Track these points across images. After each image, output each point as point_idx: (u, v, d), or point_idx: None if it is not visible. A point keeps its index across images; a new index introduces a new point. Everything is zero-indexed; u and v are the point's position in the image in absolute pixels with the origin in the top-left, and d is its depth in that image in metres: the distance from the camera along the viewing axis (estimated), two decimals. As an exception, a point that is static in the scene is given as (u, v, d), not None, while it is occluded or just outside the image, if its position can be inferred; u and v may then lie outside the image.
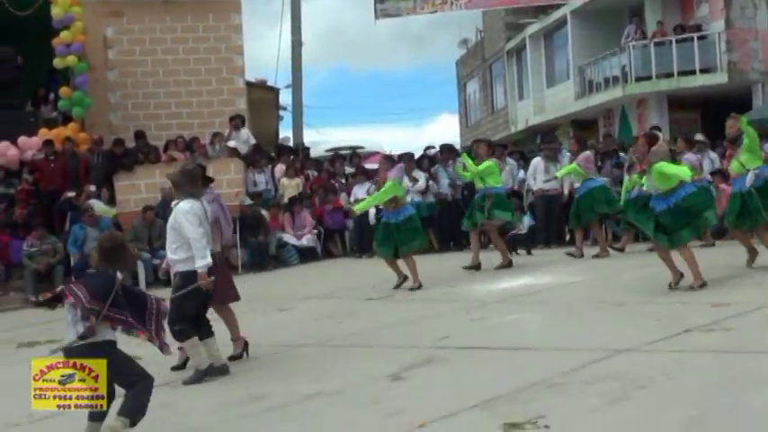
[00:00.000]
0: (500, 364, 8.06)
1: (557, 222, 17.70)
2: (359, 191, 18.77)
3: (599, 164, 16.75)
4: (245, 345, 9.56)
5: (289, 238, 18.70)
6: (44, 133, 19.45)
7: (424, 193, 18.36)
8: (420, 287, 12.88)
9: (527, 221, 16.96)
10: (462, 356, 8.58)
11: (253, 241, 18.43)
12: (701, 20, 27.76)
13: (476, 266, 14.18)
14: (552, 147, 18.35)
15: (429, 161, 19.22)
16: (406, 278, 13.21)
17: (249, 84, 24.80)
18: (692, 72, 26.97)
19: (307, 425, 6.77)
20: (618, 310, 10.01)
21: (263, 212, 18.90)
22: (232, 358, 9.31)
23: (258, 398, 7.71)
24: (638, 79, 27.89)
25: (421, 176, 18.47)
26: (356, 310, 12.00)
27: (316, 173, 20.75)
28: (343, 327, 10.87)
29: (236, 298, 9.72)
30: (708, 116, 25.41)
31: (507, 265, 14.28)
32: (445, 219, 18.12)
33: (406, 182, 18.33)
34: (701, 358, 7.48)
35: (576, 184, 15.59)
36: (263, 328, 11.47)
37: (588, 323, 9.48)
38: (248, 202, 18.96)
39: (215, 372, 8.64)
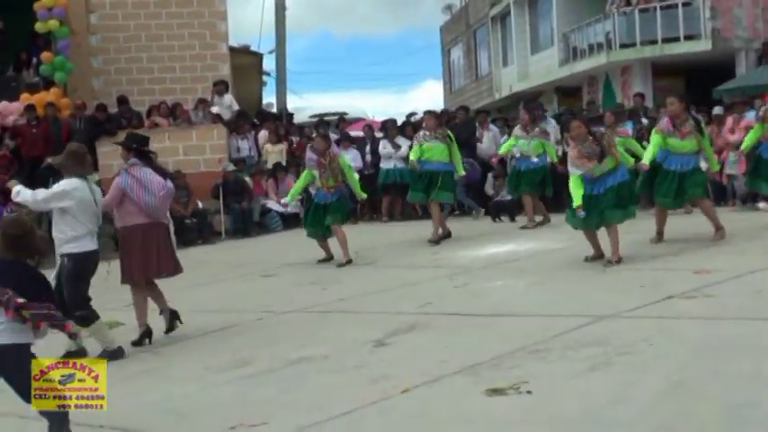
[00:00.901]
0: (483, 330, 8.11)
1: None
2: (344, 156, 18.73)
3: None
4: (174, 314, 9.46)
5: (272, 204, 18.66)
6: (26, 98, 19.38)
7: (406, 159, 18.33)
8: (350, 262, 12.75)
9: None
10: (446, 322, 8.62)
11: (236, 207, 18.43)
12: (685, -14, 27.75)
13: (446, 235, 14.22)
14: (535, 112, 18.29)
15: (412, 128, 19.18)
16: (332, 257, 13.17)
17: (232, 49, 24.72)
18: (677, 39, 26.98)
19: (292, 390, 6.81)
20: (601, 277, 10.07)
21: (247, 179, 18.89)
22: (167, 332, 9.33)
23: (244, 363, 7.76)
24: (623, 46, 27.90)
25: (404, 143, 18.45)
26: (340, 277, 12.03)
27: (299, 138, 20.70)
28: (328, 293, 10.90)
29: (173, 271, 9.62)
30: (692, 83, 25.45)
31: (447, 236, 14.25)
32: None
33: (389, 148, 18.38)
34: (682, 325, 7.53)
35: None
36: (247, 294, 11.55)
37: (571, 290, 9.53)
38: (231, 167, 18.94)
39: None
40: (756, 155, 12.74)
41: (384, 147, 18.62)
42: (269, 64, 29.55)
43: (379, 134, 19.79)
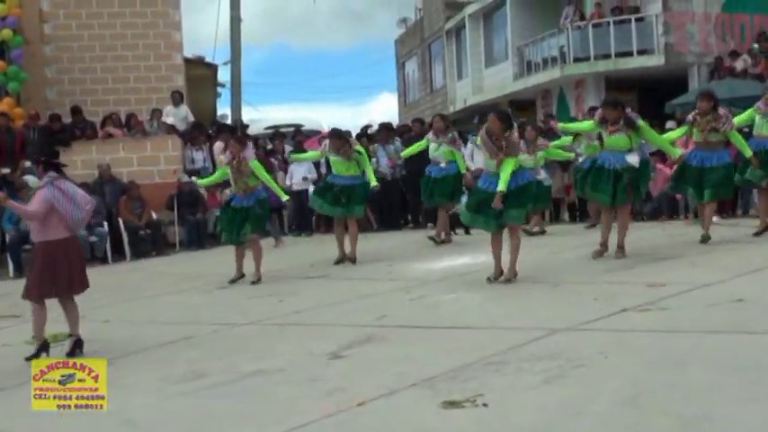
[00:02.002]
0: (439, 343, 8.11)
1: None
2: (297, 169, 18.74)
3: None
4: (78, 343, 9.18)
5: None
6: (-21, 108, 19.21)
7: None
8: (259, 280, 12.65)
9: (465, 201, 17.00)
10: (401, 335, 8.62)
11: (190, 219, 18.37)
12: (638, 2, 28.02)
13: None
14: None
15: (367, 140, 19.21)
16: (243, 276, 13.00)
17: (187, 60, 24.68)
18: (630, 53, 27.20)
19: (248, 402, 6.78)
20: (555, 290, 10.11)
21: (201, 190, 18.82)
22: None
23: (199, 375, 7.71)
24: (576, 60, 28.09)
25: (359, 155, 18.48)
26: (295, 289, 11.99)
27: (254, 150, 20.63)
28: (284, 305, 10.87)
29: (81, 288, 9.33)
30: (645, 97, 25.69)
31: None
32: (384, 197, 18.05)
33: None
34: (637, 337, 7.57)
35: None
36: (202, 306, 11.48)
37: (526, 302, 9.57)
38: (186, 179, 18.85)
39: None
40: (684, 160, 12.71)
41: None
42: (224, 75, 29.52)
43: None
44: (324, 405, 6.41)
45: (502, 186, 10.28)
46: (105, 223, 17.63)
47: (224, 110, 30.11)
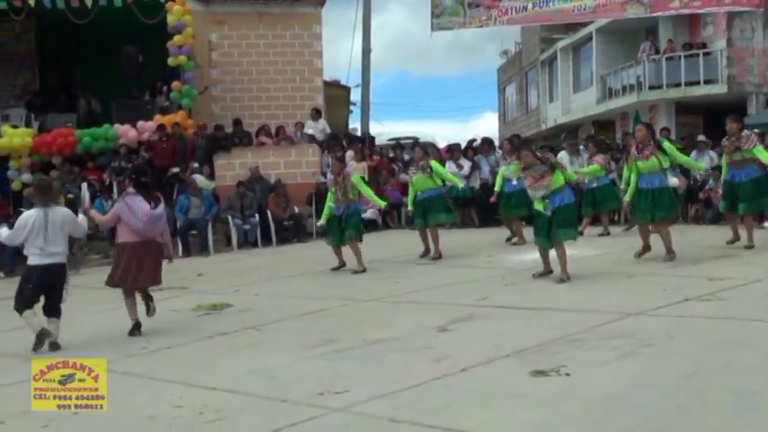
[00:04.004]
0: (530, 322, 8.06)
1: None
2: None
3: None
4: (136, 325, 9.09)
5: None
6: (158, 119, 19.63)
7: (468, 177, 18.33)
8: (364, 270, 12.37)
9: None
10: (498, 314, 8.59)
11: (325, 213, 18.49)
12: (706, 38, 27.35)
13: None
14: (573, 142, 18.13)
15: (473, 151, 19.16)
16: (344, 265, 12.78)
17: (326, 82, 24.83)
18: (697, 83, 26.57)
19: (369, 365, 6.82)
20: (629, 281, 9.93)
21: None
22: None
23: (330, 341, 7.78)
24: (651, 88, 27.59)
25: (465, 163, 18.45)
26: (410, 273, 12.02)
27: (379, 157, 20.71)
28: (400, 286, 10.90)
29: (150, 284, 9.30)
30: (709, 121, 25.03)
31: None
32: (485, 199, 17.91)
33: (453, 167, 18.32)
34: (699, 323, 7.42)
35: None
36: (333, 285, 11.58)
37: (604, 290, 9.43)
38: (322, 180, 19.02)
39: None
40: (724, 180, 12.29)
41: (449, 167, 18.54)
42: (355, 95, 29.68)
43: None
44: (433, 369, 6.41)
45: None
46: (257, 215, 17.89)
47: (355, 124, 30.26)
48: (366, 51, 25.76)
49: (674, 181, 11.10)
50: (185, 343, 8.37)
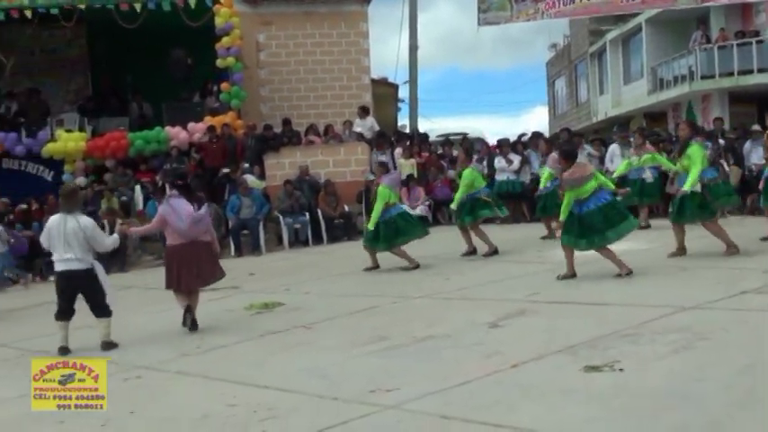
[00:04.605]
0: (582, 316, 7.99)
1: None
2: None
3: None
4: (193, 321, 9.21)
5: (405, 208, 18.72)
6: (208, 120, 19.83)
7: (517, 172, 18.24)
8: (418, 266, 12.28)
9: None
10: (550, 309, 8.53)
11: (375, 211, 18.51)
12: (759, 26, 26.95)
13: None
14: (624, 135, 17.97)
15: (522, 146, 19.05)
16: (378, 267, 12.70)
17: (373, 80, 24.89)
18: (750, 71, 26.16)
19: (420, 362, 6.81)
20: (683, 274, 9.80)
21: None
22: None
23: (381, 339, 7.78)
24: (703, 77, 27.18)
25: (515, 158, 18.34)
26: (461, 269, 11.99)
27: (428, 154, 20.68)
28: (450, 283, 10.88)
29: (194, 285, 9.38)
30: (763, 109, 24.63)
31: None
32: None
33: (503, 163, 18.24)
34: (755, 316, 7.29)
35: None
36: (384, 282, 11.59)
37: (658, 284, 9.31)
38: (371, 178, 19.04)
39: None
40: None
41: (498, 162, 18.49)
42: (403, 92, 29.67)
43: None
44: (483, 366, 6.39)
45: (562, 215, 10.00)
46: (307, 214, 17.98)
47: (403, 121, 30.25)
48: (413, 48, 25.75)
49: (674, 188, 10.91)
50: (238, 342, 8.45)
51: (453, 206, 13.78)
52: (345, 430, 5.31)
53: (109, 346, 8.55)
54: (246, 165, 19.04)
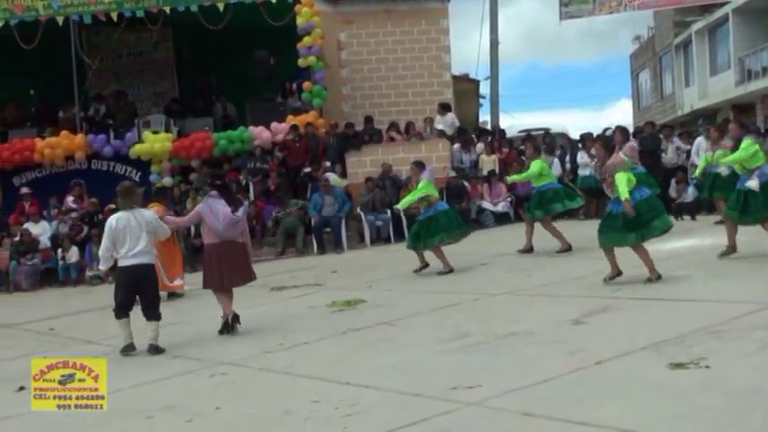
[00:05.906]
0: (667, 313, 7.87)
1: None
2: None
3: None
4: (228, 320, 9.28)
5: (487, 204, 18.64)
6: (291, 119, 19.98)
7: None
8: (451, 271, 12.18)
9: (691, 192, 16.36)
10: (634, 306, 8.41)
11: (457, 207, 18.44)
12: None
13: None
14: (709, 128, 17.53)
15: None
16: (427, 265, 12.56)
17: (454, 77, 24.80)
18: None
19: (503, 359, 6.79)
20: (766, 269, 9.58)
21: (466, 183, 18.91)
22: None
23: (463, 335, 7.78)
24: (794, 67, 26.52)
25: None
26: (543, 265, 11.89)
27: (509, 150, 20.54)
28: (533, 279, 10.81)
29: (242, 281, 9.51)
30: None
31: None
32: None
33: (585, 158, 17.99)
34: None
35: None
36: (466, 279, 11.57)
37: (744, 280, 9.10)
38: (453, 174, 19.02)
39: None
40: None
41: (581, 157, 18.26)
42: (485, 88, 29.54)
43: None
44: (566, 363, 6.34)
45: (624, 195, 9.41)
46: (388, 211, 18.01)
47: (484, 117, 30.14)
48: (494, 44, 25.60)
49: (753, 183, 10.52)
50: (321, 339, 8.53)
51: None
52: (427, 427, 5.32)
53: (156, 350, 8.60)
54: (328, 163, 19.17)
